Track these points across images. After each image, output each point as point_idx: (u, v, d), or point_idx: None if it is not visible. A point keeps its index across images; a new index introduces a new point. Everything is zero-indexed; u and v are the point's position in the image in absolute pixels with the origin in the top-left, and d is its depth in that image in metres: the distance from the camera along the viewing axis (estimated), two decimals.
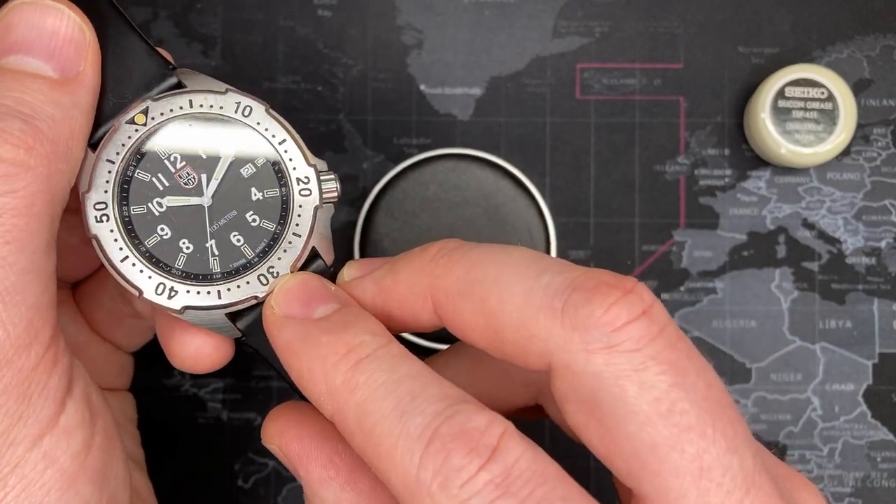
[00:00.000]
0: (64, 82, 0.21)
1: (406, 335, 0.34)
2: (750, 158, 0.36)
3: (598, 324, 0.18)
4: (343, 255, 0.35)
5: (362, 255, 0.34)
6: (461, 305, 0.20)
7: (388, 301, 0.22)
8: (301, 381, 0.21)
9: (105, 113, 0.23)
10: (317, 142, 0.35)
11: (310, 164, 0.23)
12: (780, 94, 0.34)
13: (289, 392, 0.36)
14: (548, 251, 0.34)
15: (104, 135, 0.23)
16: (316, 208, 0.23)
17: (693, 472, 0.17)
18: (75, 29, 0.21)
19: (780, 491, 0.18)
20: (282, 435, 0.22)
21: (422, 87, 0.36)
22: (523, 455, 0.18)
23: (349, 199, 0.35)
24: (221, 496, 0.35)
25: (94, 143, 0.23)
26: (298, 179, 0.23)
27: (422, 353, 0.35)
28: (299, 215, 0.23)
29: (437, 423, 0.18)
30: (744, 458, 0.18)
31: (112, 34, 0.23)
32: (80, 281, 0.29)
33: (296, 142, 0.23)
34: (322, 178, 0.23)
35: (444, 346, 0.34)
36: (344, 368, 0.20)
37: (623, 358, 0.18)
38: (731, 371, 0.36)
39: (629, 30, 0.36)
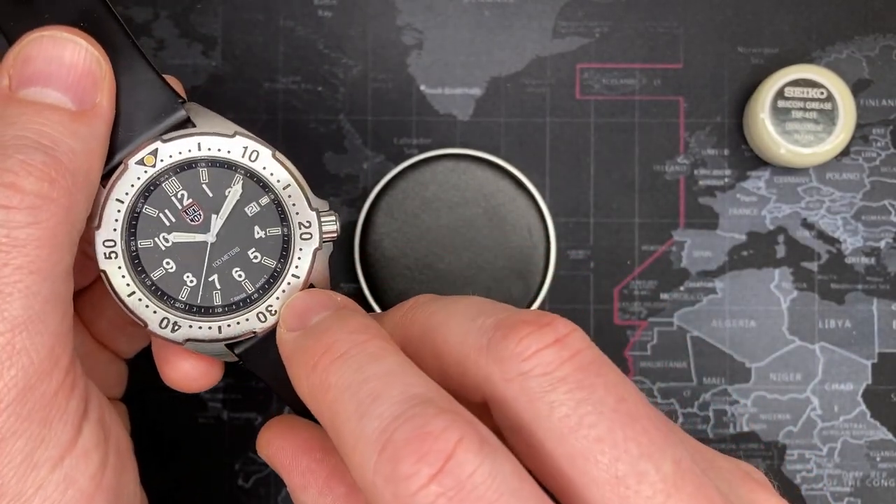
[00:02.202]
0: (81, 114, 0.21)
1: None
2: (749, 158, 0.36)
3: (511, 355, 0.19)
4: (343, 255, 0.35)
5: (362, 255, 0.34)
6: (421, 351, 0.22)
7: None
8: (296, 390, 0.21)
9: (116, 144, 0.23)
10: (317, 142, 0.36)
11: (312, 209, 0.24)
12: (780, 94, 0.34)
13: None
14: (548, 251, 0.34)
15: (115, 167, 0.23)
16: (315, 250, 0.24)
17: (610, 480, 0.18)
18: (92, 61, 0.22)
19: (715, 490, 0.19)
20: (270, 444, 0.24)
21: (422, 88, 0.36)
22: (480, 467, 0.17)
23: (349, 199, 0.35)
24: (222, 496, 0.35)
25: (104, 174, 0.23)
26: (300, 224, 0.24)
27: None
28: (299, 258, 0.24)
29: (392, 426, 0.18)
30: (660, 463, 0.18)
31: (124, 64, 0.23)
32: (80, 290, 0.29)
33: (300, 186, 0.24)
34: (323, 219, 0.24)
35: None
36: (319, 370, 0.20)
37: (534, 382, 0.19)
38: (730, 371, 0.36)
39: (629, 30, 0.36)
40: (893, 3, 0.36)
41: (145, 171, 0.23)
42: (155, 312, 0.23)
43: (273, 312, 0.24)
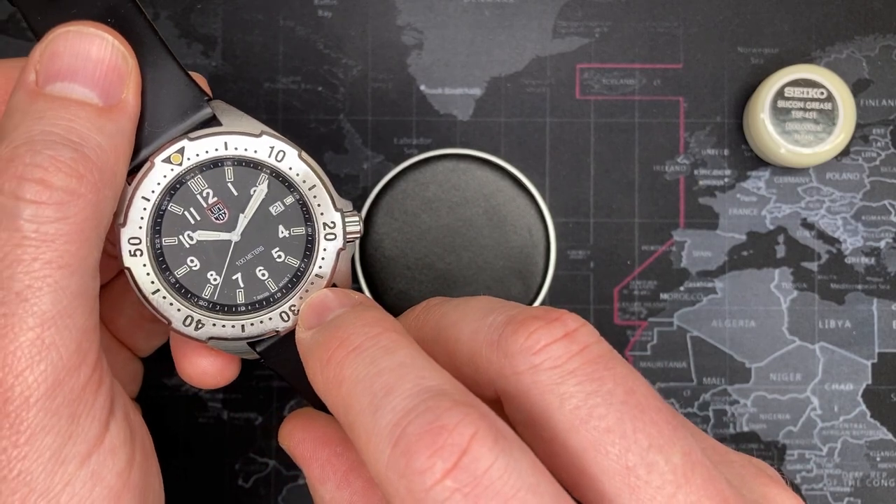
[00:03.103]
0: (108, 109, 0.21)
1: None
2: (749, 158, 0.36)
3: (521, 349, 0.20)
4: None
5: (362, 255, 0.34)
6: (435, 351, 0.22)
7: None
8: (312, 385, 0.21)
9: (141, 140, 0.23)
10: (317, 142, 0.36)
11: (336, 209, 0.24)
12: (780, 94, 0.34)
13: (288, 391, 0.36)
14: (548, 251, 0.34)
15: (140, 163, 0.23)
16: (339, 250, 0.24)
17: (620, 471, 0.18)
18: (118, 56, 0.22)
19: (725, 482, 0.19)
20: (291, 436, 0.24)
21: (422, 88, 0.36)
22: (496, 462, 0.17)
23: (349, 200, 0.35)
24: (222, 496, 0.35)
25: (129, 171, 0.23)
26: (325, 224, 0.24)
27: None
28: (323, 258, 0.24)
29: (406, 420, 0.18)
30: (670, 454, 0.19)
31: (150, 60, 0.23)
32: (100, 288, 0.29)
33: (325, 186, 0.24)
34: (347, 219, 0.24)
35: None
36: (333, 363, 0.20)
37: (545, 375, 0.19)
38: (730, 371, 0.36)
39: (629, 30, 0.36)
40: (893, 3, 0.36)
41: (171, 169, 0.23)
42: (179, 310, 0.23)
43: (296, 312, 0.24)
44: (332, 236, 0.24)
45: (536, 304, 0.34)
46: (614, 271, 0.36)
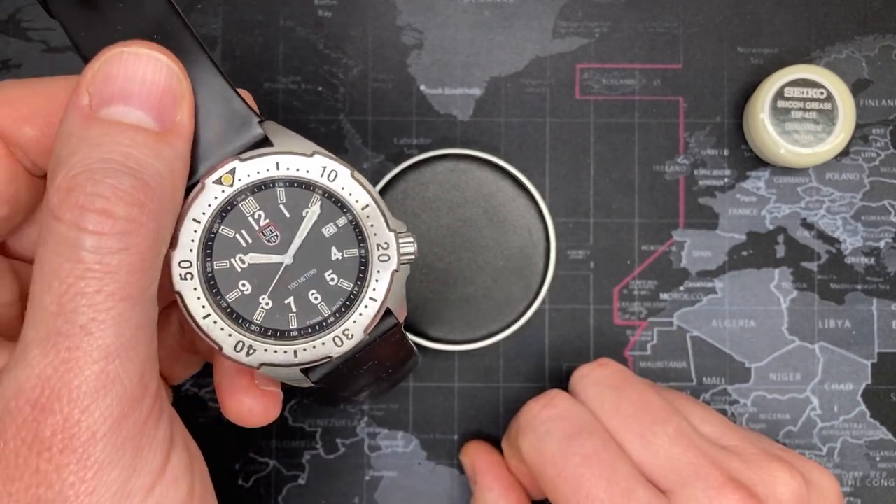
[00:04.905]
0: (164, 133, 0.21)
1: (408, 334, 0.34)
2: (749, 158, 0.36)
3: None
4: None
5: None
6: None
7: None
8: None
9: (193, 161, 0.22)
10: (317, 142, 0.36)
11: (390, 230, 0.24)
12: (780, 94, 0.34)
13: (289, 393, 0.36)
14: (548, 251, 0.34)
15: (192, 186, 0.22)
16: (394, 272, 0.23)
17: (639, 438, 0.29)
18: (173, 78, 0.21)
19: (707, 448, 0.28)
20: (475, 455, 0.34)
21: (422, 88, 0.36)
22: None
23: None
24: (222, 495, 0.35)
25: None
26: (378, 245, 0.23)
27: (423, 352, 0.35)
28: (377, 280, 0.23)
29: None
30: (666, 428, 0.29)
31: (199, 79, 0.22)
32: None
33: (378, 206, 0.23)
34: (401, 240, 0.24)
35: (442, 345, 0.34)
36: None
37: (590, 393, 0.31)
38: (730, 370, 0.36)
39: (629, 30, 0.36)
40: (893, 3, 0.36)
41: (223, 191, 0.22)
42: (230, 335, 0.23)
43: (349, 336, 0.23)
44: (386, 258, 0.23)
45: (536, 304, 0.34)
46: (614, 271, 0.36)
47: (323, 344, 0.23)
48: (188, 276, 0.22)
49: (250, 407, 0.25)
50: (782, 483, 0.27)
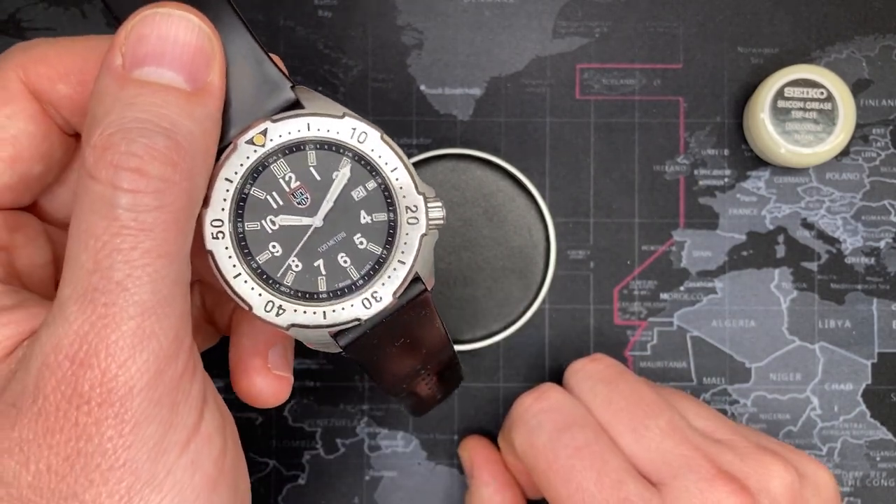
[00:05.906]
0: (195, 94, 0.21)
1: None
2: (749, 158, 0.36)
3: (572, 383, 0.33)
4: None
5: None
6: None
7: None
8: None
9: (225, 122, 0.23)
10: None
11: (419, 193, 0.24)
12: (780, 94, 0.34)
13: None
14: (548, 251, 0.34)
15: (224, 148, 0.23)
16: (422, 236, 0.24)
17: (631, 431, 0.29)
18: (204, 39, 0.21)
19: (697, 440, 0.28)
20: (474, 450, 0.35)
21: (422, 87, 0.36)
22: None
23: None
24: None
25: None
26: (407, 207, 0.24)
27: None
28: (406, 243, 0.24)
29: None
30: (658, 420, 0.29)
31: (231, 41, 0.23)
32: None
33: (407, 169, 0.24)
34: (430, 204, 0.24)
35: None
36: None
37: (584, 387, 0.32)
38: (730, 370, 0.36)
39: (629, 30, 0.36)
40: (893, 3, 0.36)
41: (255, 151, 0.23)
42: (260, 295, 0.23)
43: (378, 299, 0.23)
44: (415, 220, 0.24)
45: (536, 303, 0.34)
46: (614, 271, 0.36)
47: (352, 306, 0.23)
48: (219, 236, 0.23)
49: (261, 388, 0.26)
50: (775, 476, 0.27)
